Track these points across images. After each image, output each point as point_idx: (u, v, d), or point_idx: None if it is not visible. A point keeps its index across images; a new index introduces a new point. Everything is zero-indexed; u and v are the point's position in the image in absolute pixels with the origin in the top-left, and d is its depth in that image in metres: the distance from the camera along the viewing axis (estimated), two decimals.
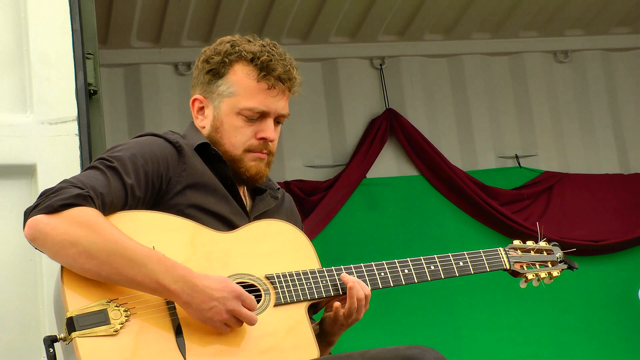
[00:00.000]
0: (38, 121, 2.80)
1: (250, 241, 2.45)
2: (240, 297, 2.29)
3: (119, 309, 2.25)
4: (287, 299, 2.40)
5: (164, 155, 2.45)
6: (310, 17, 6.23)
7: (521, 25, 6.73)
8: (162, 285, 2.25)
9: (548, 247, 2.79)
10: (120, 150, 2.44)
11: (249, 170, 2.55)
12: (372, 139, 6.45)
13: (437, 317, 6.18)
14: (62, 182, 2.32)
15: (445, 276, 2.61)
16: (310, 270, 2.47)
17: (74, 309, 2.22)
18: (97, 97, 2.92)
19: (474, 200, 6.43)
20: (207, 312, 2.26)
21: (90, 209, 2.27)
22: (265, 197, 2.64)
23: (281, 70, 2.54)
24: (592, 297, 6.42)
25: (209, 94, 2.58)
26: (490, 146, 6.73)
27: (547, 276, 2.73)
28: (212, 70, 2.58)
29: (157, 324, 2.27)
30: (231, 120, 2.55)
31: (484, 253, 2.69)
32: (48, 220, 2.24)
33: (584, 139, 6.87)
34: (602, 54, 7.03)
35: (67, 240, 2.24)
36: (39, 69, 2.83)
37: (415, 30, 6.58)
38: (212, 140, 2.56)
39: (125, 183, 2.36)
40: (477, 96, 6.77)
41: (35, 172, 2.77)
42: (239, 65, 2.55)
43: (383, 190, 6.45)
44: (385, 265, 2.58)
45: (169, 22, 6.08)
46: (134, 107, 6.25)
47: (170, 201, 2.43)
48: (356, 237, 6.30)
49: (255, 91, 2.53)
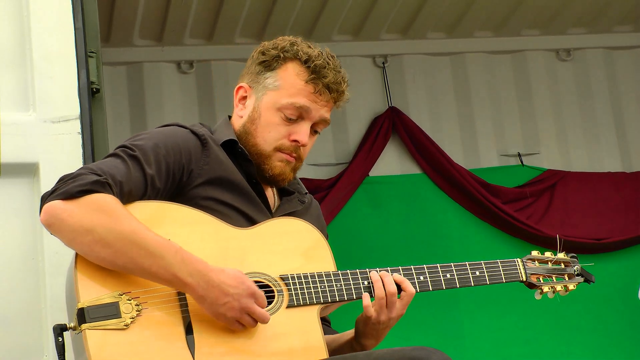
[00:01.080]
0: (40, 119, 2.80)
1: (268, 239, 2.44)
2: (254, 295, 2.27)
3: (131, 302, 2.24)
4: (300, 301, 2.38)
5: (186, 147, 2.43)
6: (313, 15, 6.22)
7: (524, 24, 6.72)
8: (178, 277, 2.23)
9: (566, 259, 2.76)
10: (143, 139, 2.42)
11: (273, 169, 2.53)
12: (374, 137, 6.44)
13: (441, 317, 6.17)
14: (82, 169, 2.31)
15: (460, 285, 2.57)
16: (325, 272, 2.44)
17: (86, 300, 2.21)
18: (99, 95, 2.92)
19: (476, 199, 6.42)
20: (221, 307, 2.24)
21: (109, 196, 2.25)
22: (292, 199, 2.63)
23: (332, 79, 2.52)
24: (595, 296, 6.41)
25: (255, 84, 2.56)
26: (492, 144, 6.72)
27: (563, 289, 2.71)
28: (264, 62, 2.56)
29: (167, 320, 2.26)
30: (269, 114, 2.52)
31: (501, 263, 2.64)
32: (65, 206, 2.22)
33: (587, 137, 6.85)
34: (605, 52, 7.01)
35: (83, 227, 2.22)
36: (41, 67, 2.83)
37: (418, 29, 6.57)
38: (246, 131, 2.54)
39: (145, 173, 2.34)
40: (479, 94, 6.76)
41: (37, 171, 2.76)
42: (292, 64, 2.54)
43: (386, 189, 6.44)
44: (401, 272, 2.53)
45: (172, 20, 6.07)
46: (136, 105, 6.24)
47: (190, 193, 2.41)
48: (359, 235, 6.29)
49: (300, 90, 2.52)
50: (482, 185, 6.47)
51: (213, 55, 6.33)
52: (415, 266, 2.54)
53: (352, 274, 2.47)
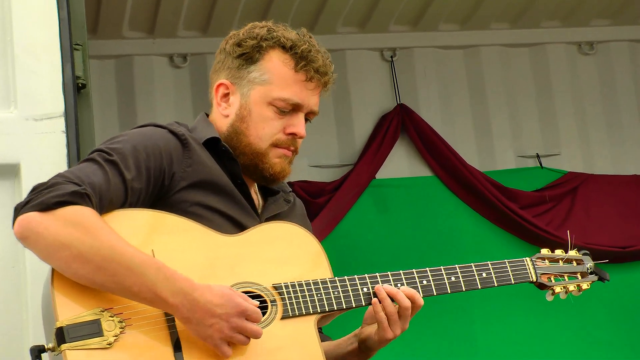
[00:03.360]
0: (22, 117, 2.80)
1: (259, 246, 2.43)
2: (245, 312, 2.25)
3: (114, 319, 2.22)
4: (296, 312, 2.38)
5: (167, 149, 2.42)
6: (316, 5, 6.23)
7: (543, 15, 6.73)
8: (160, 297, 2.22)
9: (578, 256, 2.75)
10: (120, 141, 2.40)
11: (273, 167, 2.53)
12: (382, 136, 6.44)
13: (453, 328, 6.18)
14: (57, 177, 2.29)
15: (466, 288, 2.57)
16: (322, 279, 2.44)
17: (65, 318, 2.20)
18: (86, 91, 2.92)
19: (491, 203, 6.43)
20: (208, 329, 2.23)
21: (87, 209, 2.23)
22: (278, 198, 2.62)
23: (321, 62, 2.53)
24: (619, 308, 6.41)
25: (238, 79, 2.55)
26: (509, 145, 6.73)
27: (576, 289, 2.70)
28: (244, 55, 2.55)
29: (154, 337, 2.24)
30: (261, 110, 2.52)
31: (509, 263, 2.64)
32: (41, 219, 2.21)
33: (611, 137, 6.86)
34: (630, 45, 7.02)
35: (60, 242, 2.21)
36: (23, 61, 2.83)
37: (430, 20, 6.57)
38: (236, 131, 2.53)
39: (125, 179, 2.33)
40: (495, 91, 6.77)
41: (19, 172, 2.76)
42: (276, 52, 2.53)
43: (394, 192, 6.45)
44: (403, 276, 2.54)
45: (164, 11, 6.08)
46: (126, 101, 6.25)
47: (173, 198, 2.40)
48: (365, 242, 6.29)
49: (291, 81, 2.51)
50: (497, 189, 6.47)
51: (208, 49, 6.33)
52: (417, 269, 2.55)
53: (351, 281, 2.47)
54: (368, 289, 2.48)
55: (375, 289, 2.47)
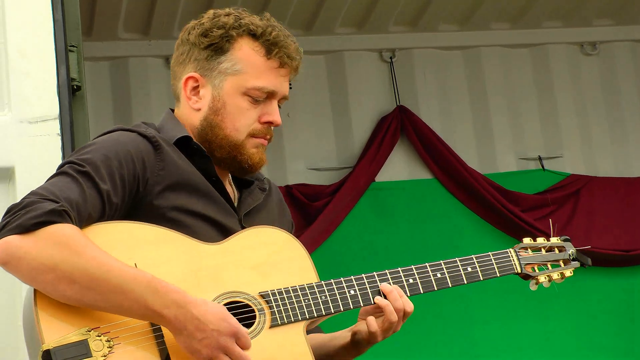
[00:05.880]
0: (16, 120, 2.80)
1: (242, 253, 2.41)
2: (237, 334, 2.24)
3: (101, 338, 2.20)
4: (284, 319, 2.37)
5: (138, 153, 2.38)
6: (314, 5, 6.23)
7: (544, 15, 6.73)
8: (152, 310, 2.20)
9: (559, 243, 2.76)
10: (89, 151, 2.36)
11: (252, 158, 2.51)
12: (381, 139, 6.45)
13: (452, 334, 6.18)
14: (30, 195, 2.24)
15: (452, 284, 2.59)
16: (308, 284, 2.43)
17: (51, 341, 2.17)
18: (80, 93, 2.92)
19: (493, 206, 6.43)
20: (197, 343, 2.21)
21: (68, 226, 2.20)
22: (253, 189, 2.60)
23: (292, 47, 2.52)
24: (621, 312, 6.41)
25: (207, 71, 2.52)
26: (510, 147, 6.73)
27: (559, 276, 2.72)
28: (212, 45, 2.53)
29: (143, 355, 2.23)
30: (235, 100, 2.49)
31: (493, 256, 2.66)
32: (20, 243, 2.17)
33: (614, 139, 6.86)
34: (633, 45, 7.03)
35: (44, 265, 2.17)
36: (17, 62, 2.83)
37: (429, 20, 6.58)
38: (210, 124, 2.50)
39: (100, 189, 2.29)
40: (496, 92, 6.77)
41: (13, 176, 2.76)
42: (245, 40, 2.52)
43: (393, 195, 6.45)
44: (389, 275, 2.56)
45: (159, 12, 6.09)
46: (121, 103, 6.25)
47: (150, 205, 2.37)
48: (364, 246, 6.29)
49: (264, 69, 2.50)
50: (498, 192, 6.47)
51: None
52: (402, 268, 2.57)
53: (337, 284, 2.47)
54: (355, 291, 2.49)
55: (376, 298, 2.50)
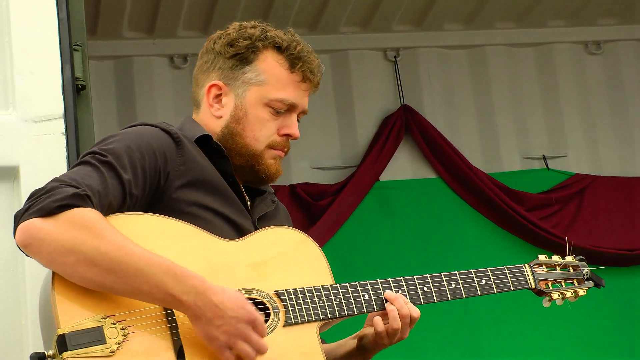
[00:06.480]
0: (21, 119, 2.80)
1: (259, 252, 2.44)
2: (254, 322, 2.26)
3: (116, 326, 2.22)
4: (298, 319, 2.39)
5: (161, 147, 2.42)
6: (319, 4, 6.24)
7: (549, 14, 6.73)
8: (172, 295, 2.22)
9: (575, 262, 2.80)
10: (112, 142, 2.39)
11: (269, 168, 2.57)
12: (385, 138, 6.45)
13: (457, 337, 6.18)
14: (53, 181, 2.28)
15: (466, 295, 2.61)
16: (323, 286, 2.45)
17: (67, 325, 2.19)
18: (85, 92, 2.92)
19: (497, 205, 6.43)
20: (215, 329, 2.23)
21: (90, 210, 2.22)
22: (265, 197, 2.64)
23: (315, 63, 2.58)
24: (627, 313, 6.41)
25: (232, 80, 2.57)
26: (515, 146, 6.73)
27: (572, 295, 2.74)
28: (238, 55, 2.57)
29: (157, 344, 2.24)
30: (257, 111, 2.55)
31: (508, 270, 2.68)
32: (42, 225, 2.20)
33: (619, 138, 6.86)
34: (638, 44, 7.02)
35: (65, 247, 2.20)
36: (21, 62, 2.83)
37: (433, 19, 6.58)
38: (231, 132, 2.55)
39: (122, 179, 2.32)
40: (500, 91, 6.77)
41: (18, 175, 2.76)
42: (271, 53, 2.56)
43: (398, 195, 6.45)
44: (404, 282, 2.56)
45: (164, 11, 6.09)
46: (125, 103, 6.26)
47: (169, 199, 2.40)
48: (368, 246, 6.29)
49: (287, 82, 2.55)
50: (503, 191, 6.47)
51: None
52: (418, 276, 2.57)
53: (352, 287, 2.48)
54: (369, 295, 2.50)
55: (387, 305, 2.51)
